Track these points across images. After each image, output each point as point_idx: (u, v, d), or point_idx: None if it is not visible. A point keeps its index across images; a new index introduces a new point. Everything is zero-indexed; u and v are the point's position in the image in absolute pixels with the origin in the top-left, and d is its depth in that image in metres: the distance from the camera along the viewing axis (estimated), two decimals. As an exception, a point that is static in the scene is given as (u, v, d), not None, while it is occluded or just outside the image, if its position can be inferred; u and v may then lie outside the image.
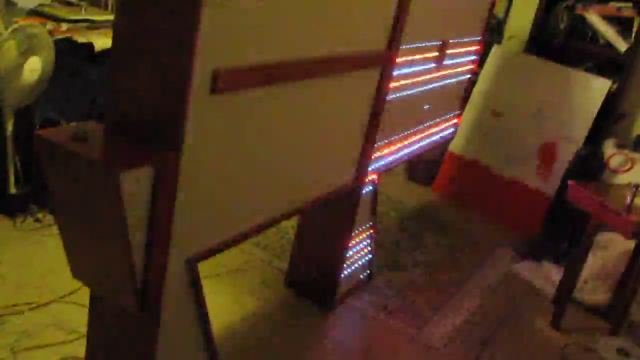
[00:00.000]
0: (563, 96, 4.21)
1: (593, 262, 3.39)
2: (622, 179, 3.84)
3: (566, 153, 4.08)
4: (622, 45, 4.22)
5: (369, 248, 3.15)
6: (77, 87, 3.28)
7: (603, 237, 3.46)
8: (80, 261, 1.80)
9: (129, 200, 1.52)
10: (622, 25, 4.26)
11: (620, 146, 4.16)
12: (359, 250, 3.05)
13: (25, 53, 2.89)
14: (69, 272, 1.86)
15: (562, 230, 3.89)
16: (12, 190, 3.15)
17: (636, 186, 2.93)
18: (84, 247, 1.76)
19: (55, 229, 3.09)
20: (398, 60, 2.64)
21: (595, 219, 3.02)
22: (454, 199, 4.51)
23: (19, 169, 3.17)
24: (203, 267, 1.95)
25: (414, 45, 2.78)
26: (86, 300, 1.98)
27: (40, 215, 3.19)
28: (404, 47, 2.65)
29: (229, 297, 2.89)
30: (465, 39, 3.42)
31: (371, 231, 3.11)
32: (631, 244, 3.22)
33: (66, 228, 1.77)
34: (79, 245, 1.77)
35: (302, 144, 2.23)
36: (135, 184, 1.53)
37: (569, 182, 3.19)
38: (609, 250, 3.47)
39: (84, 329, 2.07)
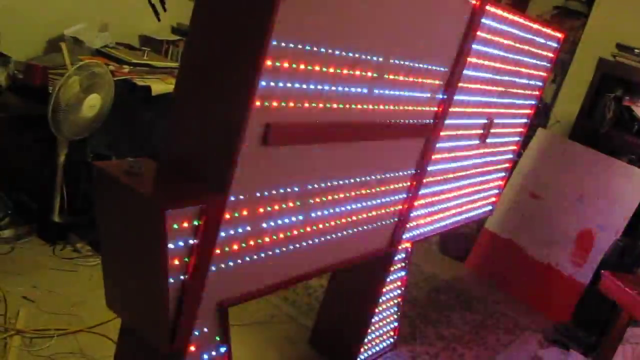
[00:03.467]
0: (604, 185, 4.20)
1: (622, 357, 3.32)
2: (658, 274, 3.78)
3: (603, 242, 4.05)
4: (667, 141, 4.23)
5: (396, 316, 3.14)
6: (131, 127, 3.41)
7: (634, 331, 3.39)
8: (117, 291, 1.85)
9: (171, 237, 1.58)
10: (670, 121, 4.28)
11: (660, 241, 4.12)
12: (385, 317, 3.05)
13: (88, 89, 3.03)
14: (99, 304, 1.92)
15: (593, 320, 3.82)
16: (56, 218, 3.25)
17: (672, 283, 2.89)
18: (122, 279, 1.82)
19: (91, 261, 3.18)
20: (442, 133, 2.70)
21: (627, 312, 2.98)
22: (486, 277, 4.48)
23: (64, 199, 3.28)
24: (230, 315, 1.98)
25: (460, 121, 2.83)
26: (113, 334, 2.03)
27: (79, 246, 3.27)
28: (449, 121, 2.70)
29: (252, 349, 2.90)
30: (511, 120, 3.47)
31: (399, 299, 3.11)
32: (663, 342, 3.15)
33: (108, 257, 1.83)
34: (117, 276, 1.83)
35: (341, 204, 2.28)
36: (179, 222, 1.59)
37: (603, 272, 3.16)
38: (639, 346, 3.40)
39: (109, 361, 2.11)
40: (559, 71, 4.93)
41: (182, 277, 1.69)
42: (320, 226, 2.22)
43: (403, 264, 3.01)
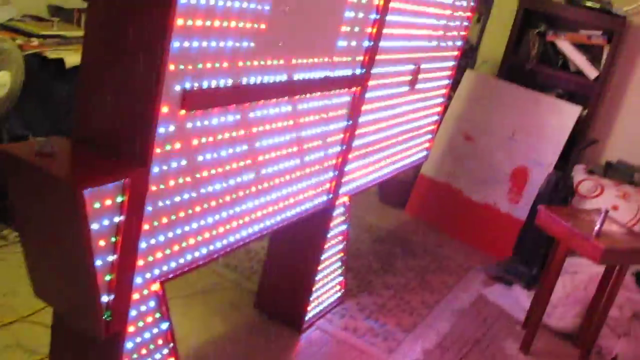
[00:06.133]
0: (534, 121, 4.25)
1: (562, 288, 3.41)
2: (591, 204, 3.87)
3: (537, 178, 4.11)
4: (592, 73, 4.29)
5: (340, 270, 3.13)
6: (47, 103, 3.23)
7: (572, 262, 3.48)
8: (43, 279, 1.75)
9: (93, 218, 1.49)
10: (592, 52, 4.34)
11: (590, 172, 4.21)
12: (329, 272, 3.03)
13: (-6, 67, 2.85)
14: (31, 292, 1.81)
15: (533, 254, 3.90)
16: (-24, 206, 3.08)
17: (605, 212, 2.95)
18: (47, 265, 1.72)
19: (19, 248, 3.03)
20: (371, 83, 2.65)
21: (564, 244, 3.04)
22: (426, 222, 4.52)
23: (-16, 185, 3.10)
24: (170, 288, 1.92)
25: (387, 69, 2.79)
26: (49, 320, 1.94)
27: (5, 233, 3.12)
28: (376, 70, 2.65)
29: (196, 319, 2.84)
30: (439, 63, 3.44)
31: (342, 253, 3.09)
32: (600, 269, 3.24)
33: (29, 245, 1.73)
34: (41, 263, 1.73)
35: (273, 164, 2.21)
36: (100, 201, 1.50)
37: (539, 207, 3.21)
38: (578, 275, 3.49)
39: (46, 350, 2.01)
40: (483, 10, 4.93)
41: (110, 257, 1.60)
42: (254, 189, 2.16)
43: (343, 218, 2.99)
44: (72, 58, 3.24)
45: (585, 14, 4.23)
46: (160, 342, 1.93)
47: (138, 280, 1.74)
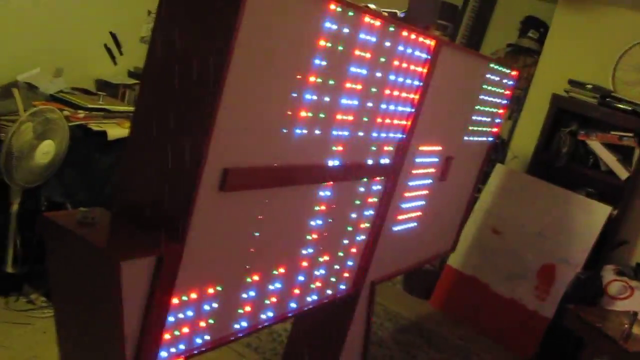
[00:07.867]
0: (564, 219, 4.24)
1: (589, 391, 3.31)
2: (620, 306, 3.81)
3: (565, 276, 4.07)
4: (623, 173, 4.30)
5: (361, 358, 3.09)
6: (87, 173, 3.34)
7: (600, 364, 3.40)
8: (71, 347, 1.77)
9: (127, 289, 1.52)
10: (623, 153, 4.36)
11: (620, 273, 4.16)
12: (350, 359, 2.99)
13: (41, 136, 2.97)
14: (54, 358, 1.83)
15: (559, 354, 3.82)
16: (9, 269, 3.14)
17: (634, 314, 2.91)
18: (76, 333, 1.75)
19: (46, 312, 3.07)
20: (402, 173, 2.70)
21: (592, 345, 2.98)
22: (451, 314, 4.46)
23: (18, 249, 3.17)
24: (193, 364, 1.92)
25: (419, 160, 2.84)
26: (70, 388, 1.94)
27: (33, 297, 3.16)
28: (408, 160, 2.70)
29: (215, 398, 2.82)
30: (470, 157, 3.49)
31: (364, 341, 3.06)
32: (628, 375, 3.15)
33: (60, 311, 1.76)
34: (71, 330, 1.75)
35: (301, 247, 2.25)
36: (136, 273, 1.54)
37: (567, 306, 3.18)
38: (605, 379, 3.40)
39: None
40: (514, 107, 5.02)
41: (139, 329, 1.63)
42: (282, 270, 2.18)
43: (367, 305, 2.97)
44: (115, 131, 3.37)
45: (617, 116, 4.28)
46: (179, 419, 1.92)
47: (163, 354, 1.75)
